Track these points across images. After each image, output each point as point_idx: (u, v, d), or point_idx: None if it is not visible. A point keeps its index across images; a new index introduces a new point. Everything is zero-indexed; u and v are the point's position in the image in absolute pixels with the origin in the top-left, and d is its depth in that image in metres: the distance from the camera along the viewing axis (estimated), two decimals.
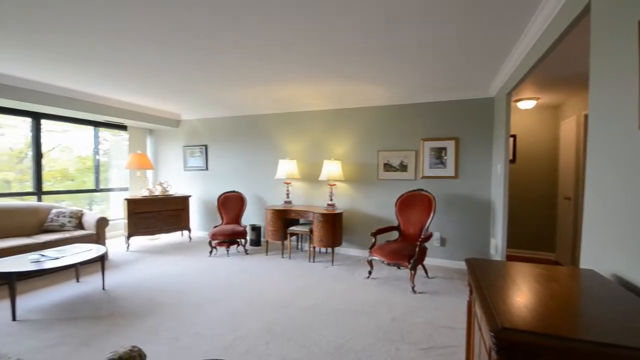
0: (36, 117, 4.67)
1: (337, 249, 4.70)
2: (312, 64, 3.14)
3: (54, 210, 4.30)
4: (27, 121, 4.68)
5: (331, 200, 4.51)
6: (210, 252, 4.65)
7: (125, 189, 6.01)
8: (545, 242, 4.60)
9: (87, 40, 2.61)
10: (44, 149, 4.86)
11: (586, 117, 3.69)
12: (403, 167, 4.43)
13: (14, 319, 2.60)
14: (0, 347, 2.18)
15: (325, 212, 4.21)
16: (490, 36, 2.46)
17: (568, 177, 4.10)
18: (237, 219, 4.98)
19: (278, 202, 5.19)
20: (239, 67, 3.26)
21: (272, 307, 2.88)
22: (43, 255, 3.00)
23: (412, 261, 3.24)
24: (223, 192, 5.24)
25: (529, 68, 2.48)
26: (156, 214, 5.15)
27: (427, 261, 4.05)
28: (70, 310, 2.80)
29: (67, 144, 5.41)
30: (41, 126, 4.77)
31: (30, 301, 2.97)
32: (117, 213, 5.79)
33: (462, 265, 4.11)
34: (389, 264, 3.38)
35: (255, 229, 5.21)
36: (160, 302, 2.98)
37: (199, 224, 6.05)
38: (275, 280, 3.60)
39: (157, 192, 5.42)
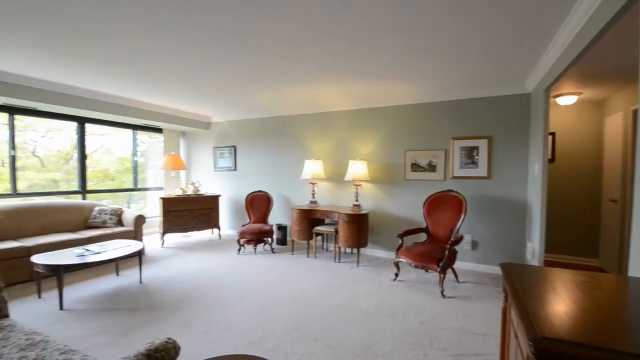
0: (81, 121, 5.04)
1: (362, 250, 4.66)
2: (339, 64, 3.13)
3: (96, 208, 4.62)
4: (73, 125, 5.06)
5: (357, 200, 4.47)
6: (239, 249, 4.78)
7: (161, 189, 6.33)
8: (587, 247, 4.29)
9: (128, 49, 2.78)
10: (87, 151, 5.23)
11: (635, 112, 3.39)
12: (431, 167, 4.31)
13: (61, 308, 2.82)
14: (49, 334, 2.37)
15: (350, 212, 4.19)
16: (526, 26, 2.32)
17: (614, 178, 3.78)
18: (264, 218, 5.09)
19: (304, 202, 5.24)
20: (268, 69, 3.33)
21: (297, 306, 2.91)
22: (87, 250, 3.24)
23: (441, 264, 3.15)
24: (251, 191, 5.37)
25: (571, 61, 2.32)
26: (188, 212, 5.37)
27: (457, 265, 3.91)
28: (111, 301, 2.99)
29: (108, 146, 5.79)
30: (85, 130, 5.14)
31: (76, 292, 3.20)
32: (153, 211, 6.11)
33: (495, 270, 3.93)
34: (416, 267, 3.30)
35: (282, 228, 5.28)
36: (192, 296, 3.11)
37: (228, 223, 6.24)
38: (300, 279, 3.63)
39: (190, 191, 5.66)
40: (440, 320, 2.66)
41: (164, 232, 5.16)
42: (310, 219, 4.59)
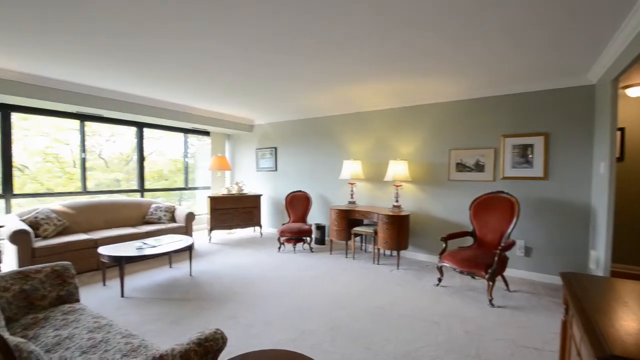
0: (140, 126, 5.54)
1: (403, 253, 4.53)
2: (385, 63, 3.08)
3: (153, 205, 5.03)
4: (133, 130, 5.57)
5: (397, 201, 4.36)
6: (279, 247, 4.91)
7: (208, 188, 6.72)
8: None
9: (181, 62, 3.00)
10: (145, 153, 5.72)
11: None
12: (479, 167, 4.06)
13: (122, 295, 3.12)
14: (112, 319, 2.64)
15: (390, 213, 4.10)
16: (590, 9, 2.09)
17: None
18: (303, 218, 5.17)
19: (342, 202, 5.23)
20: (310, 72, 3.39)
21: (336, 306, 2.91)
22: (145, 244, 3.54)
23: (489, 271, 2.95)
24: (290, 191, 5.49)
25: None
26: (233, 210, 5.64)
27: (508, 272, 3.63)
28: (164, 291, 3.24)
29: (162, 149, 6.28)
30: (143, 134, 5.63)
31: (134, 281, 3.52)
32: (201, 209, 6.52)
33: (552, 279, 3.59)
34: (461, 273, 3.13)
35: (320, 228, 5.33)
36: (237, 290, 3.26)
37: (268, 221, 6.45)
38: (339, 279, 3.63)
39: (234, 190, 5.94)
40: (489, 331, 2.49)
41: (211, 229, 5.47)
42: (349, 219, 4.57)
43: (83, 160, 4.90)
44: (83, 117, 4.79)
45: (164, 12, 2.17)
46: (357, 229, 4.47)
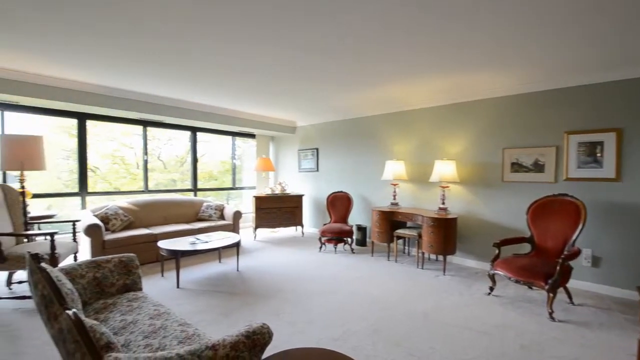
0: (193, 130, 5.96)
1: (449, 258, 4.31)
2: (431, 59, 2.97)
3: (204, 204, 5.38)
4: (187, 134, 6.02)
5: (443, 203, 4.16)
6: (320, 247, 4.96)
7: (253, 188, 7.02)
8: None
9: (233, 68, 3.19)
10: (198, 155, 6.15)
11: None
12: (538, 167, 3.72)
13: (178, 286, 3.37)
14: (170, 307, 2.87)
15: (436, 216, 3.92)
16: None
17: None
18: (344, 218, 5.16)
19: (384, 204, 5.12)
20: (353, 72, 3.38)
21: (378, 308, 2.86)
22: (198, 239, 3.80)
23: (550, 281, 2.69)
24: (332, 192, 5.52)
25: None
26: (276, 210, 5.82)
27: (572, 284, 3.28)
28: (214, 284, 3.44)
29: (212, 151, 6.71)
30: (197, 137, 6.06)
31: (188, 274, 3.79)
32: (246, 208, 6.83)
33: (625, 293, 3.16)
34: (517, 282, 2.88)
35: (361, 229, 5.28)
36: (280, 287, 3.36)
37: (310, 221, 6.54)
38: (381, 281, 3.57)
39: (277, 191, 6.13)
40: (548, 347, 2.27)
41: (256, 227, 5.71)
42: (391, 221, 4.46)
43: (145, 162, 5.41)
44: (145, 123, 5.28)
45: (218, 23, 2.32)
46: (400, 231, 4.34)
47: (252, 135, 6.90)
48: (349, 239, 4.91)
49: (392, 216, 4.45)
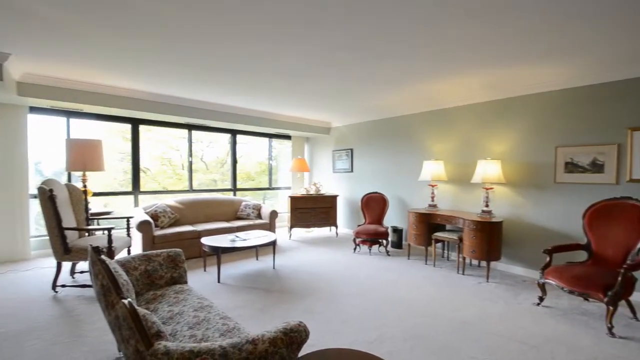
0: (233, 133, 6.23)
1: (493, 264, 4.06)
2: (474, 54, 2.84)
3: (243, 203, 5.60)
4: (227, 136, 6.30)
5: (487, 206, 3.93)
6: (354, 248, 4.92)
7: (289, 188, 7.17)
8: None
9: (273, 70, 3.30)
10: (237, 156, 6.41)
11: None
12: (596, 167, 3.38)
13: (218, 281, 3.54)
14: (212, 301, 3.02)
15: (479, 219, 3.72)
16: None
17: None
18: (379, 220, 5.08)
19: (421, 205, 4.96)
20: (389, 71, 3.33)
21: (415, 313, 2.78)
22: (237, 237, 3.96)
23: (610, 293, 2.43)
24: (366, 192, 5.46)
25: None
26: (311, 210, 5.88)
27: (636, 297, 2.93)
28: (252, 281, 3.57)
29: (249, 153, 6.96)
30: (236, 139, 6.32)
31: (228, 270, 3.96)
32: (282, 207, 6.99)
33: None
34: (571, 292, 2.64)
35: (397, 231, 5.16)
36: (315, 286, 3.39)
37: (344, 222, 6.53)
38: (418, 286, 3.46)
39: (312, 191, 6.19)
40: None
41: (291, 227, 5.81)
42: (429, 223, 4.30)
43: (190, 164, 5.75)
44: (190, 127, 5.62)
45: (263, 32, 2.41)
46: (439, 234, 4.18)
47: (287, 137, 7.05)
48: (384, 241, 4.82)
49: (430, 218, 4.29)
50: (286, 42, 2.64)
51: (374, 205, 5.22)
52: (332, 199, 6.09)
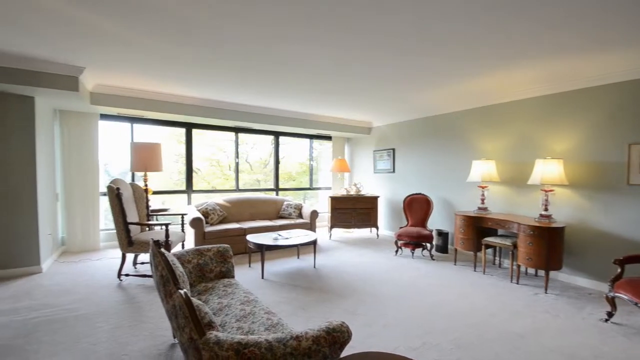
0: (276, 135, 6.42)
1: (553, 274, 3.70)
2: (534, 43, 2.63)
3: (285, 203, 5.75)
4: (269, 138, 6.51)
5: (546, 209, 3.59)
6: (396, 251, 4.80)
7: (329, 188, 7.21)
8: None
9: (314, 71, 3.35)
10: (279, 157, 6.60)
11: None
12: None
13: (262, 277, 3.67)
14: (257, 296, 3.14)
15: (537, 224, 3.41)
16: None
17: None
18: (422, 222, 4.90)
19: (469, 208, 4.68)
20: (435, 67, 3.21)
21: (462, 322, 2.63)
22: (280, 235, 4.08)
23: None
24: (409, 194, 5.29)
25: None
26: (351, 210, 5.86)
27: None
28: (293, 279, 3.65)
29: (291, 153, 7.12)
30: (279, 141, 6.51)
31: (271, 267, 4.09)
32: (322, 207, 7.05)
33: None
34: None
35: (442, 234, 4.93)
36: (356, 287, 3.37)
37: (385, 223, 6.40)
38: (466, 293, 3.27)
39: (352, 191, 6.16)
40: None
41: (331, 227, 5.84)
42: (479, 227, 4.05)
43: (236, 165, 6.05)
44: (237, 130, 5.92)
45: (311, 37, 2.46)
46: (490, 239, 3.91)
47: (328, 137, 7.09)
48: (428, 245, 4.63)
49: (479, 222, 4.04)
50: (333, 44, 2.67)
51: (417, 206, 5.05)
52: (373, 200, 6.00)
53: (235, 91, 4.29)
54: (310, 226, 5.32)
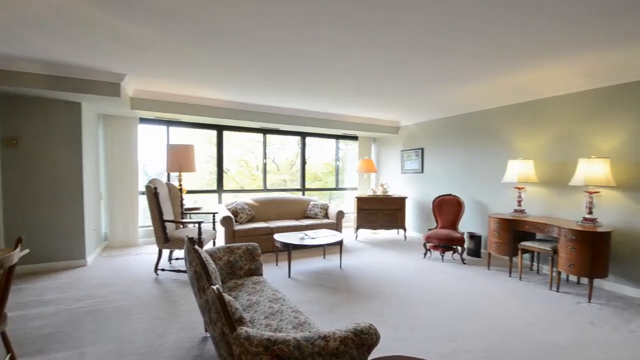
0: (302, 135, 6.49)
1: (598, 282, 3.43)
2: (577, 34, 2.47)
3: (311, 203, 5.79)
4: (296, 139, 6.58)
5: (590, 213, 3.34)
6: (425, 254, 4.67)
7: (355, 189, 7.17)
8: None
9: (342, 71, 3.36)
10: (305, 158, 6.66)
11: None
12: None
13: (289, 276, 3.72)
14: (284, 294, 3.18)
15: (580, 228, 3.18)
16: None
17: None
18: (453, 224, 4.73)
19: (505, 210, 4.46)
20: (467, 61, 3.10)
21: (496, 331, 2.51)
22: (306, 235, 4.12)
23: None
24: (438, 195, 5.13)
25: None
26: (377, 211, 5.78)
27: None
28: (319, 278, 3.66)
29: (317, 154, 7.16)
30: (306, 142, 6.57)
31: (297, 266, 4.13)
32: (348, 208, 7.02)
33: None
34: None
35: (474, 237, 4.73)
36: (383, 289, 3.32)
37: (413, 225, 6.25)
38: (500, 300, 3.12)
39: (379, 192, 6.08)
40: None
41: (358, 227, 5.80)
42: (515, 230, 3.84)
43: (264, 165, 6.18)
44: (265, 131, 6.05)
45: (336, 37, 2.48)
46: (527, 243, 3.70)
47: (354, 137, 7.05)
48: (459, 248, 4.47)
49: (515, 225, 3.84)
50: (361, 44, 2.66)
51: (447, 208, 4.88)
52: (401, 201, 5.88)
53: (266, 93, 4.39)
54: (337, 226, 5.31)
